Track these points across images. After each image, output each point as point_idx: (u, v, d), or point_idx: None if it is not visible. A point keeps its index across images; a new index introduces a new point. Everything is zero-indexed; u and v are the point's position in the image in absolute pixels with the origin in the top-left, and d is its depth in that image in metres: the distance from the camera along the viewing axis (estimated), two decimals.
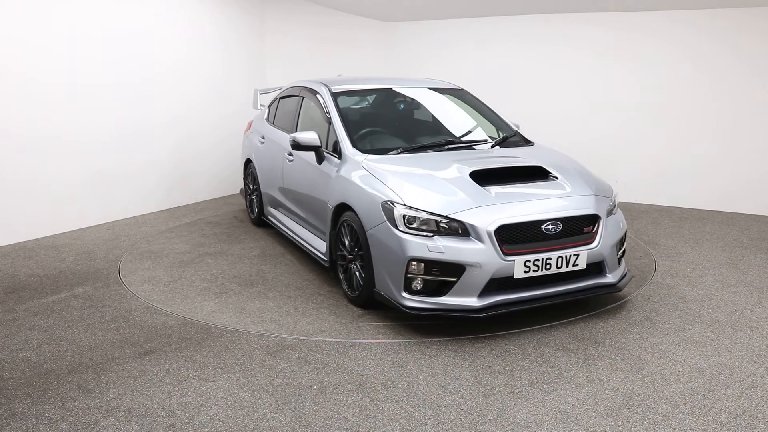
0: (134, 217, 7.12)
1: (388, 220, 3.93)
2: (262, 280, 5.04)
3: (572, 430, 2.91)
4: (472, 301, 3.79)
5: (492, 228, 3.76)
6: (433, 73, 8.53)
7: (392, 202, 3.95)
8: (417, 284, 3.84)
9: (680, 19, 7.59)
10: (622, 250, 4.43)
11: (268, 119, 6.47)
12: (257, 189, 6.52)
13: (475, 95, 5.64)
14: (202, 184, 8.09)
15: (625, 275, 4.43)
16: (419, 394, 3.23)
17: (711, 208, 7.67)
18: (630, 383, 3.34)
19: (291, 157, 5.48)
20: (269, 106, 6.62)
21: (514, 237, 3.85)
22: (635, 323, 4.16)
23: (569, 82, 8.39)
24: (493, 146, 4.98)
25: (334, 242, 4.62)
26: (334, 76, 6.58)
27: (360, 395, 3.22)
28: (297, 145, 4.91)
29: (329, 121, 5.06)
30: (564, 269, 3.94)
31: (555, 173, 4.38)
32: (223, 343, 3.82)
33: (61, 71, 6.20)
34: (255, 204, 6.65)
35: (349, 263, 4.41)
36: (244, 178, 7.02)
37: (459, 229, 3.80)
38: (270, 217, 6.32)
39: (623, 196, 8.26)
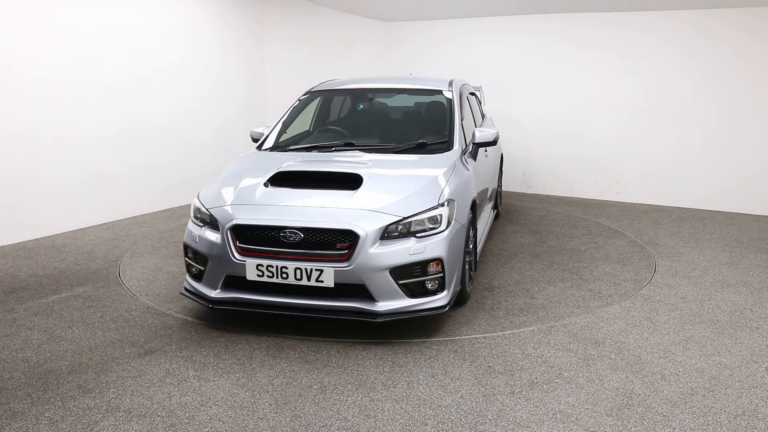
0: (134, 217, 7.12)
1: None
2: None
3: (572, 430, 2.91)
4: (213, 293, 3.95)
5: (228, 225, 3.85)
6: (434, 72, 8.54)
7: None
8: (194, 269, 4.11)
9: (681, 19, 7.59)
10: (429, 280, 3.81)
11: None
12: None
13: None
14: (202, 184, 8.07)
15: (408, 311, 3.77)
16: (419, 394, 3.23)
17: (711, 208, 7.67)
18: (630, 383, 3.34)
19: None
20: None
21: (251, 239, 3.83)
22: (635, 323, 4.15)
23: (570, 82, 8.39)
24: (397, 152, 4.70)
25: None
26: (406, 74, 7.30)
27: (360, 395, 3.22)
28: (252, 138, 5.28)
29: None
30: (306, 283, 3.71)
31: (370, 183, 4.04)
32: (223, 343, 3.82)
33: (61, 71, 6.19)
34: None
35: None
36: None
37: (215, 223, 3.96)
38: None
39: (623, 196, 8.26)
